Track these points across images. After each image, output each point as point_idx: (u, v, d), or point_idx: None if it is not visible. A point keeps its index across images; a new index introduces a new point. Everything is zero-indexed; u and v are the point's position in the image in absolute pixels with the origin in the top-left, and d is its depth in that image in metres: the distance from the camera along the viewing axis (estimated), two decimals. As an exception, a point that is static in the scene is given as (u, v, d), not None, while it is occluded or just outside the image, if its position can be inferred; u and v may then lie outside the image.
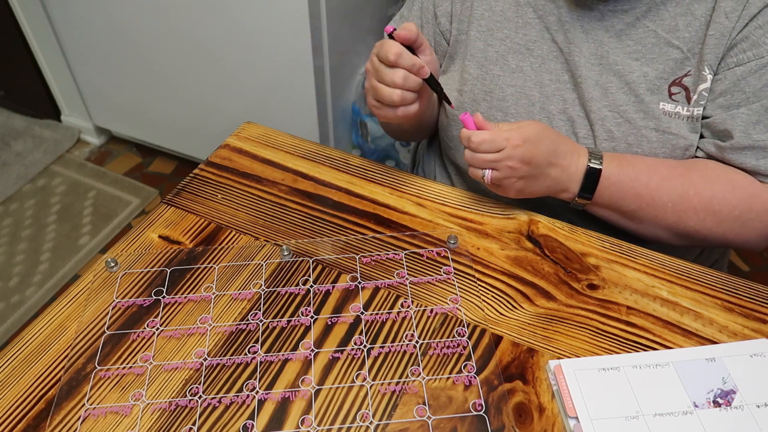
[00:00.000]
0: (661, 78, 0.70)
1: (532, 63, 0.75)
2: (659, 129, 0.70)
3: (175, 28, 1.52)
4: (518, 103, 0.75)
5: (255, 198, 0.76)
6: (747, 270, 1.66)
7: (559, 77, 0.74)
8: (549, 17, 0.73)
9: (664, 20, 0.69)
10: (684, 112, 0.70)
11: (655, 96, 0.70)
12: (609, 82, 0.71)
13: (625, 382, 0.57)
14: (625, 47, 0.70)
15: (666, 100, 0.70)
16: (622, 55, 0.70)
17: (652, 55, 0.70)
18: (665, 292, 0.65)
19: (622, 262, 0.68)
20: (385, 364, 0.59)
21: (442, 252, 0.69)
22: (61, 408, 0.56)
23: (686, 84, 0.70)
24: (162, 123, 1.82)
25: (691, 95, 0.70)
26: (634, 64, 0.70)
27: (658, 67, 0.70)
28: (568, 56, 0.73)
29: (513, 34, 0.75)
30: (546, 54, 0.74)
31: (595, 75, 0.72)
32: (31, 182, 1.90)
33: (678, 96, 0.70)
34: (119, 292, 0.66)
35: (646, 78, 0.70)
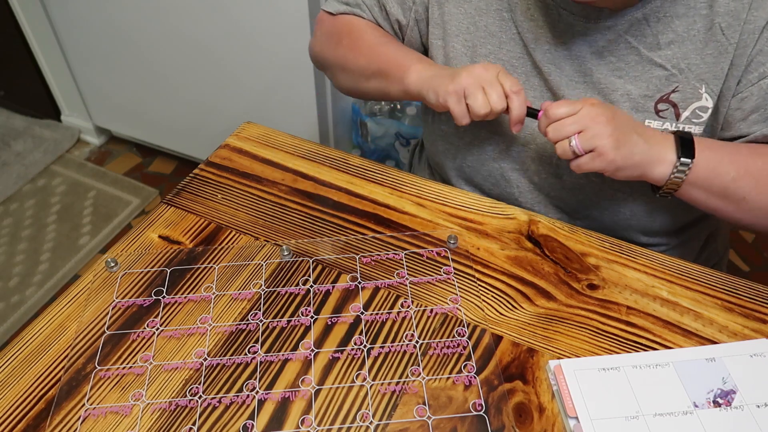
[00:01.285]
0: (645, 96, 0.69)
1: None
2: None
3: (175, 28, 1.52)
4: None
5: (255, 198, 0.76)
6: (747, 270, 1.66)
7: (542, 94, 0.74)
8: (527, 35, 0.72)
9: (646, 37, 0.68)
10: (672, 128, 0.69)
11: (640, 114, 0.70)
12: None
13: (625, 382, 0.57)
14: (607, 64, 0.69)
15: (652, 118, 0.69)
16: (606, 72, 0.70)
17: (635, 72, 0.69)
18: (665, 292, 0.65)
19: (622, 262, 0.68)
20: (385, 364, 0.59)
21: (442, 252, 0.69)
22: (61, 408, 0.56)
23: (674, 100, 0.69)
24: (162, 123, 1.82)
25: (680, 111, 0.69)
26: (618, 82, 0.69)
27: (641, 85, 0.69)
28: (548, 75, 0.72)
29: (497, 50, 0.74)
30: (529, 71, 0.73)
31: (580, 93, 0.71)
32: (31, 182, 1.90)
33: (666, 113, 0.69)
34: (119, 292, 0.66)
35: (629, 96, 0.69)
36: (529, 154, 0.76)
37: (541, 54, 0.72)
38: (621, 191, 0.74)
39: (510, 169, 0.78)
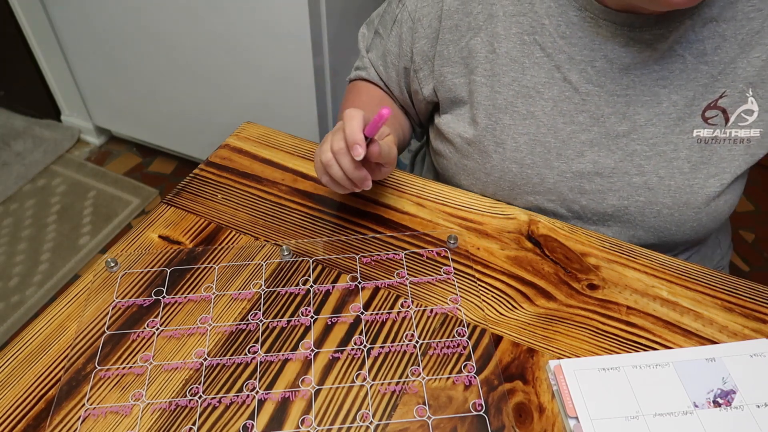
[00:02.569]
0: (692, 105, 0.67)
1: (543, 107, 0.70)
2: (691, 160, 0.68)
3: (176, 28, 1.52)
4: (533, 151, 0.71)
5: (255, 198, 0.76)
6: (747, 270, 1.66)
7: (573, 119, 0.70)
8: (559, 56, 0.68)
9: (691, 44, 0.65)
10: (722, 135, 0.67)
11: (687, 124, 0.67)
12: (636, 114, 0.68)
13: (625, 382, 0.57)
14: (651, 73, 0.67)
15: (701, 126, 0.67)
16: (649, 83, 0.67)
17: (680, 81, 0.66)
18: (665, 292, 0.65)
19: (622, 262, 0.68)
20: (385, 364, 0.59)
21: (442, 252, 0.69)
22: (61, 408, 0.56)
23: (723, 105, 0.67)
24: (162, 123, 1.82)
25: (729, 116, 0.67)
26: (662, 92, 0.67)
27: (688, 93, 0.67)
28: (585, 96, 0.69)
29: (520, 77, 0.70)
30: (557, 95, 0.70)
31: (622, 108, 0.68)
32: (31, 182, 1.90)
33: (715, 119, 0.67)
34: (119, 292, 0.66)
35: (675, 106, 0.67)
36: (566, 184, 0.72)
37: (577, 74, 0.68)
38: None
39: (546, 201, 0.74)
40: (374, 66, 0.83)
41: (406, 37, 0.76)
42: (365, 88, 0.84)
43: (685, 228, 0.71)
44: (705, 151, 0.68)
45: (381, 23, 0.80)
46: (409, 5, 0.75)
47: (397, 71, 0.80)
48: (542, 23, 0.68)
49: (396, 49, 0.78)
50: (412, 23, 0.75)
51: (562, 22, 0.67)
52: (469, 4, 0.71)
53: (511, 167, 0.72)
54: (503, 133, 0.72)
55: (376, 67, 0.83)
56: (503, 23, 0.69)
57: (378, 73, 0.83)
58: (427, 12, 0.73)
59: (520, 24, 0.69)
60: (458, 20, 0.71)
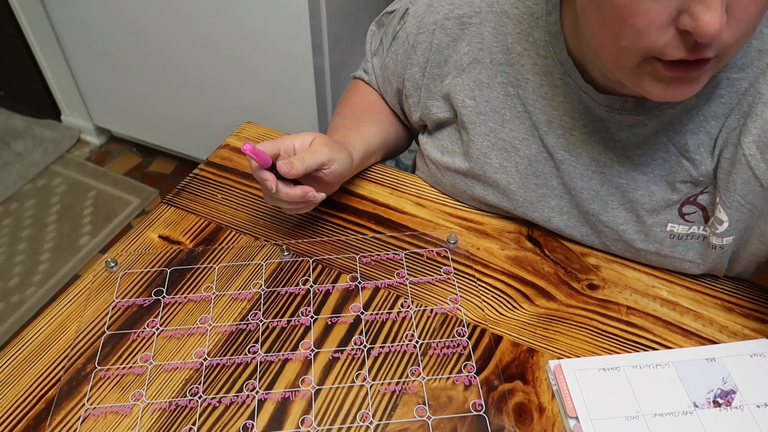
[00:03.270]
0: (669, 199, 0.62)
1: (517, 163, 0.67)
2: (661, 253, 0.65)
3: (176, 28, 1.52)
4: (500, 204, 0.70)
5: (255, 198, 0.76)
6: (747, 270, 1.65)
7: (546, 182, 0.66)
8: (539, 115, 0.64)
9: (676, 134, 0.60)
10: (700, 232, 0.63)
11: (661, 217, 0.63)
12: (610, 195, 0.64)
13: (625, 382, 0.57)
14: (631, 157, 0.62)
15: (676, 222, 0.63)
16: (628, 166, 0.62)
17: (661, 171, 0.61)
18: (665, 292, 0.65)
19: (622, 262, 0.68)
20: (385, 364, 0.59)
21: (442, 252, 0.69)
22: (61, 408, 0.56)
23: (702, 203, 0.62)
24: (162, 123, 1.82)
25: (710, 215, 0.62)
26: (640, 179, 0.62)
27: (666, 187, 0.62)
28: (560, 163, 0.65)
29: (499, 129, 0.67)
30: (534, 155, 0.66)
31: (595, 185, 0.64)
32: (31, 182, 1.90)
33: (693, 216, 0.62)
34: (119, 292, 0.66)
35: (651, 198, 0.62)
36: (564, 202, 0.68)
37: (554, 139, 0.64)
38: None
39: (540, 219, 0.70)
40: (375, 74, 0.82)
41: (401, 59, 0.73)
42: (362, 90, 0.84)
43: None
44: (678, 246, 0.64)
45: (385, 33, 0.77)
46: (409, 27, 0.71)
47: (392, 87, 0.78)
48: (527, 78, 0.64)
49: (393, 67, 0.76)
50: (408, 47, 0.72)
51: (546, 82, 0.63)
52: (458, 42, 0.67)
53: (480, 200, 0.72)
54: (473, 179, 0.71)
55: (377, 76, 0.81)
56: (488, 71, 0.66)
57: (377, 82, 0.82)
58: (422, 40, 0.70)
59: (506, 74, 0.65)
60: (447, 56, 0.69)
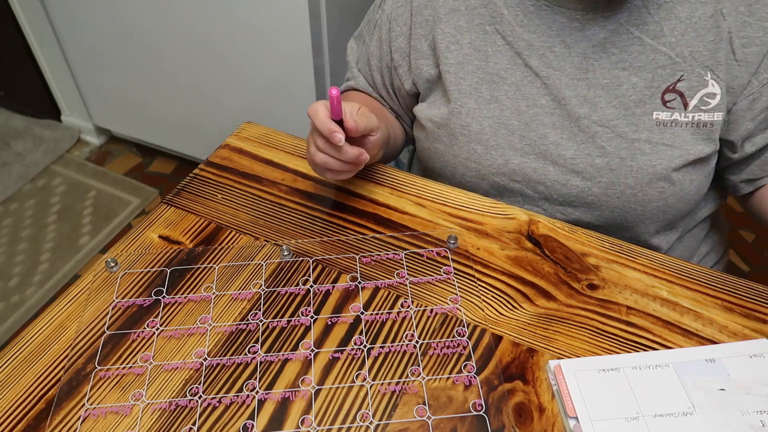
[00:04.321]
0: (651, 87, 0.68)
1: (507, 91, 0.73)
2: (652, 141, 0.69)
3: (176, 28, 1.52)
4: (497, 134, 0.74)
5: (255, 198, 0.76)
6: (747, 270, 1.66)
7: (535, 102, 0.72)
8: (518, 43, 0.71)
9: (648, 25, 0.67)
10: (682, 119, 0.69)
11: (647, 106, 0.69)
12: (597, 97, 0.70)
13: (625, 383, 0.57)
14: (610, 56, 0.69)
15: (660, 109, 0.69)
16: (608, 66, 0.69)
17: (639, 63, 0.68)
18: (665, 292, 0.65)
19: (622, 262, 0.68)
20: (385, 364, 0.59)
21: (442, 252, 0.69)
22: (61, 408, 0.56)
23: (681, 89, 0.68)
24: (162, 123, 1.82)
25: (688, 101, 0.68)
26: (622, 75, 0.69)
27: (647, 75, 0.68)
28: (546, 80, 0.71)
29: (484, 65, 0.73)
30: (520, 80, 0.72)
31: (582, 91, 0.70)
32: (31, 182, 1.90)
33: (674, 102, 0.69)
34: (119, 292, 0.66)
35: (635, 89, 0.69)
36: (530, 165, 0.74)
37: (537, 59, 0.71)
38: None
39: (511, 182, 0.76)
40: (362, 73, 0.86)
41: (384, 38, 0.80)
42: (354, 97, 0.86)
43: (650, 208, 0.72)
44: (665, 133, 0.69)
45: (366, 32, 0.84)
46: (387, 8, 0.79)
47: (381, 73, 0.83)
48: (501, 13, 0.72)
49: (377, 52, 0.82)
50: (389, 24, 0.79)
51: (520, 11, 0.71)
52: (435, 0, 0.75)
53: (476, 148, 0.75)
54: (468, 117, 0.74)
55: (364, 74, 0.85)
56: (465, 16, 0.73)
57: (366, 80, 0.86)
58: (401, 12, 0.78)
59: (482, 15, 0.73)
60: (427, 15, 0.76)
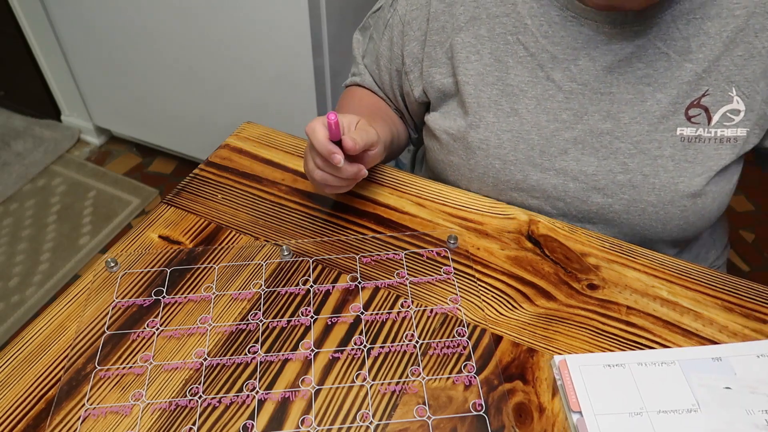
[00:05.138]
0: (676, 102, 0.67)
1: (527, 105, 0.71)
2: (675, 158, 0.68)
3: (176, 28, 1.52)
4: (516, 148, 0.72)
5: (255, 198, 0.76)
6: (747, 270, 1.66)
7: (556, 116, 0.70)
8: (542, 54, 0.69)
9: (676, 41, 0.66)
10: (706, 134, 0.67)
11: (671, 122, 0.68)
12: (621, 112, 0.68)
13: (630, 379, 0.57)
14: (635, 71, 0.67)
15: (684, 125, 0.68)
16: (633, 81, 0.67)
17: (665, 79, 0.67)
18: (665, 292, 0.65)
19: (622, 262, 0.68)
20: (385, 364, 0.59)
21: (442, 252, 0.69)
22: (61, 408, 0.56)
23: (705, 104, 0.67)
24: (162, 123, 1.82)
25: (712, 115, 0.67)
26: (646, 90, 0.67)
27: (672, 91, 0.67)
28: (569, 94, 0.69)
29: (504, 76, 0.71)
30: (541, 93, 0.70)
31: (606, 105, 0.69)
32: (31, 182, 1.90)
33: (698, 118, 0.67)
34: (119, 292, 0.66)
35: (659, 104, 0.67)
36: (549, 182, 0.72)
37: (560, 72, 0.69)
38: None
39: (530, 198, 0.74)
40: (369, 71, 0.84)
41: (396, 40, 0.78)
42: (359, 94, 0.85)
43: (671, 226, 0.71)
44: (689, 149, 0.68)
45: (375, 28, 0.82)
46: (400, 9, 0.76)
47: (390, 74, 0.81)
48: (525, 23, 0.69)
49: (388, 53, 0.80)
50: (402, 26, 0.76)
51: (545, 21, 0.68)
52: (453, 6, 0.72)
53: (494, 163, 0.73)
54: (487, 130, 0.73)
55: (371, 72, 0.84)
56: (486, 25, 0.71)
57: (373, 78, 0.85)
58: (416, 15, 0.75)
59: (504, 24, 0.70)
60: (444, 22, 0.73)
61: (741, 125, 0.67)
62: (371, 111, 0.82)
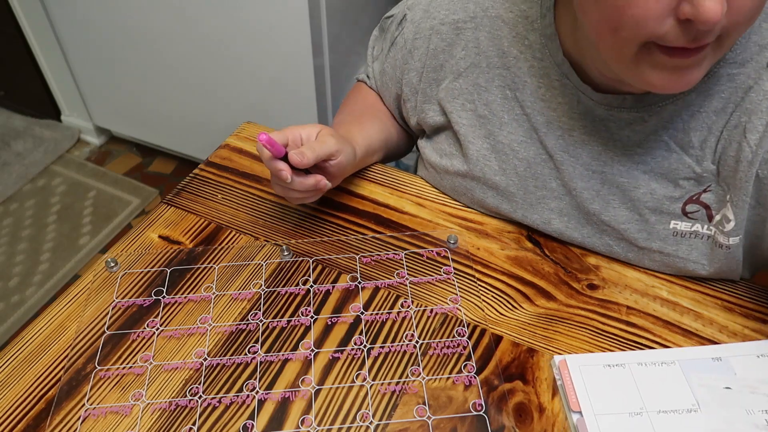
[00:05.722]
0: (671, 197, 0.62)
1: (516, 166, 0.67)
2: (665, 251, 0.64)
3: (176, 28, 1.52)
4: (500, 207, 0.70)
5: (255, 198, 0.76)
6: (747, 270, 1.65)
7: (545, 184, 0.67)
8: (537, 117, 0.65)
9: (677, 132, 0.60)
10: (704, 231, 0.62)
11: (664, 216, 0.62)
12: (611, 195, 0.64)
13: (630, 379, 0.57)
14: (632, 156, 0.62)
15: (678, 219, 0.62)
16: (629, 165, 0.62)
17: (662, 170, 0.61)
18: (665, 292, 0.65)
19: (622, 262, 0.68)
20: (385, 364, 0.59)
21: (442, 252, 0.69)
22: (61, 408, 0.56)
23: (705, 201, 0.61)
24: (162, 123, 1.82)
25: (714, 214, 0.61)
26: (641, 178, 0.62)
27: (668, 184, 0.61)
28: (560, 164, 0.65)
29: (497, 131, 0.67)
30: (533, 157, 0.66)
31: (596, 185, 0.64)
32: (31, 182, 1.90)
33: (696, 214, 0.61)
34: (119, 292, 0.66)
35: (652, 195, 0.62)
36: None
37: (554, 140, 0.64)
38: None
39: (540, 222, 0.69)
40: (375, 78, 0.83)
41: (399, 64, 0.74)
42: (364, 92, 0.85)
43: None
44: (682, 244, 0.63)
45: (384, 39, 0.78)
46: (406, 33, 0.72)
47: (390, 93, 0.79)
48: (524, 81, 0.65)
49: (391, 72, 0.76)
50: (405, 52, 0.73)
51: (543, 84, 0.64)
52: (453, 47, 0.68)
53: (480, 203, 0.72)
54: (473, 181, 0.71)
55: (376, 81, 0.82)
56: (485, 75, 0.67)
57: (377, 87, 0.83)
58: (419, 45, 0.71)
59: (503, 78, 0.66)
60: (443, 61, 0.69)
61: (733, 234, 0.60)
62: (372, 110, 0.82)
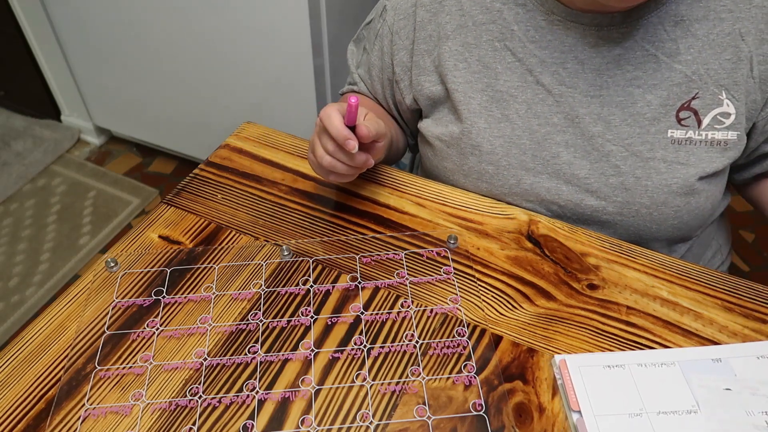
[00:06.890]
0: (666, 104, 0.67)
1: (517, 110, 0.71)
2: (667, 159, 0.68)
3: (175, 28, 1.52)
4: (509, 153, 0.72)
5: (255, 198, 0.76)
6: (747, 270, 1.66)
7: (548, 120, 0.70)
8: (530, 59, 0.69)
9: (664, 43, 0.66)
10: (696, 137, 0.68)
11: (662, 124, 0.68)
12: (611, 114, 0.68)
13: (630, 380, 0.57)
14: (624, 73, 0.67)
15: (675, 127, 0.68)
16: (623, 83, 0.68)
17: (654, 81, 0.67)
18: (665, 292, 0.65)
19: (622, 262, 0.68)
20: (385, 364, 0.59)
21: (442, 252, 0.69)
22: (61, 408, 0.56)
23: (695, 107, 0.67)
24: (162, 123, 1.82)
25: (702, 118, 0.67)
26: (636, 92, 0.67)
27: (662, 93, 0.67)
28: (559, 98, 0.69)
29: (493, 82, 0.72)
30: (531, 98, 0.70)
31: (596, 108, 0.69)
32: (31, 182, 1.90)
33: (688, 120, 0.67)
34: (119, 292, 0.66)
35: (649, 106, 0.67)
36: (543, 185, 0.72)
37: (550, 76, 0.69)
38: None
39: (524, 201, 0.74)
40: (363, 81, 0.85)
41: (386, 50, 0.78)
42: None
43: (666, 226, 0.72)
44: (680, 151, 0.68)
45: (367, 39, 0.83)
46: (389, 19, 0.77)
47: (382, 84, 0.82)
48: (511, 29, 0.70)
49: (379, 63, 0.80)
50: (391, 36, 0.77)
51: (531, 26, 0.69)
52: (438, 14, 0.73)
53: (488, 168, 0.73)
54: (479, 137, 0.73)
55: (365, 82, 0.85)
56: (473, 32, 0.71)
57: (367, 87, 0.85)
58: (404, 24, 0.76)
59: (490, 31, 0.71)
60: (431, 30, 0.74)
61: (732, 128, 0.67)
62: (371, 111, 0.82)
